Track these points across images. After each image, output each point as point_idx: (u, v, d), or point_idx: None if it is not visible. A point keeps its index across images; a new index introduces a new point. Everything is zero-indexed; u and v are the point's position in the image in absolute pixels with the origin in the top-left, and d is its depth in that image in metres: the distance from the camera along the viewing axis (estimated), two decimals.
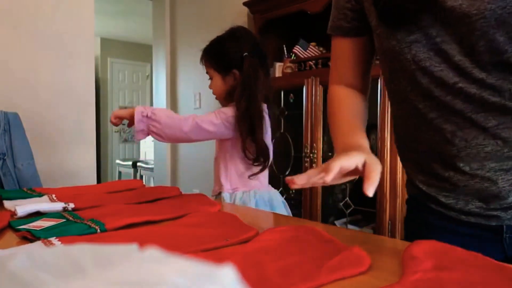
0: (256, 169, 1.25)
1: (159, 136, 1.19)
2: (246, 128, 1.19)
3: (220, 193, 1.30)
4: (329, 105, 0.87)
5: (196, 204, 0.99)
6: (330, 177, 0.58)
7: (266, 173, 1.33)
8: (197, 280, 0.20)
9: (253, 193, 1.26)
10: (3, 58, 1.92)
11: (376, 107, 1.97)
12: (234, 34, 1.29)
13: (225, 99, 1.32)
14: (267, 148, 1.23)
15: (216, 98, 1.36)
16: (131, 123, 1.20)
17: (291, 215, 1.30)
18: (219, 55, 1.28)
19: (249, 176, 1.26)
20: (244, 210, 1.05)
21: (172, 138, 1.22)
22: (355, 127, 0.78)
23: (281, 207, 1.31)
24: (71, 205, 0.96)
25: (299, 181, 0.59)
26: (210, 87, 1.34)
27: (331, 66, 0.90)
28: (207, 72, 1.32)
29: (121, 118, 1.19)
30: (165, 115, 1.18)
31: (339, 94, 0.84)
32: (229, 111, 1.23)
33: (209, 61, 1.29)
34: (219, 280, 0.21)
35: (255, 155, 1.22)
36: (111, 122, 1.19)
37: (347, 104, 0.83)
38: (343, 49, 0.87)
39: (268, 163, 1.25)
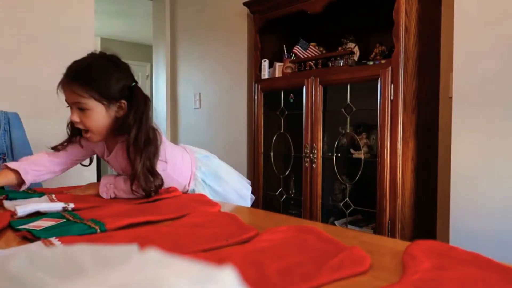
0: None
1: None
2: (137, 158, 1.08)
3: None
4: None
5: (196, 204, 0.99)
6: None
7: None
8: (198, 281, 0.20)
9: None
10: (4, 59, 1.92)
11: (376, 107, 1.97)
12: (115, 63, 1.13)
13: (107, 132, 1.13)
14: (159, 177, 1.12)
15: (91, 133, 1.12)
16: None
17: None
18: (104, 84, 1.08)
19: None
20: (244, 210, 1.05)
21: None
22: None
23: None
24: (71, 205, 0.96)
25: None
26: (83, 119, 1.09)
27: None
28: (76, 103, 1.07)
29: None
30: (123, 192, 1.12)
31: None
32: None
33: (88, 91, 1.06)
34: (219, 281, 0.21)
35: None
36: None
37: None
38: None
39: (153, 193, 1.12)
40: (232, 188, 1.36)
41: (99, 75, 1.08)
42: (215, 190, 1.31)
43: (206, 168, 1.33)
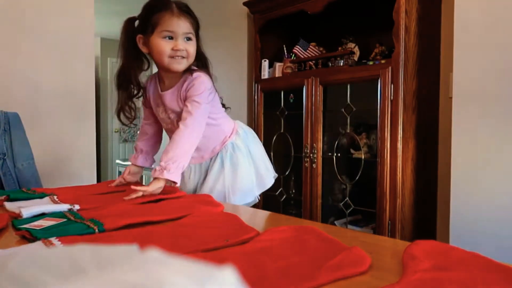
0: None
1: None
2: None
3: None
4: None
5: (199, 204, 0.98)
6: None
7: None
8: (198, 281, 0.20)
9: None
10: (4, 58, 1.92)
11: (376, 107, 1.97)
12: None
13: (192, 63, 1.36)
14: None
15: (186, 60, 1.31)
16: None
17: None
18: (198, 24, 1.35)
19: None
20: (244, 210, 1.05)
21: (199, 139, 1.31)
22: None
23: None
24: (77, 207, 0.95)
25: None
26: (186, 47, 1.29)
27: None
28: (187, 33, 1.28)
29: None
30: (185, 149, 1.26)
31: None
32: (207, 84, 1.31)
33: (194, 25, 1.32)
34: (219, 281, 0.21)
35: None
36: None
37: None
38: None
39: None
40: (263, 160, 1.48)
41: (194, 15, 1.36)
42: (251, 151, 1.44)
43: (250, 133, 1.51)
